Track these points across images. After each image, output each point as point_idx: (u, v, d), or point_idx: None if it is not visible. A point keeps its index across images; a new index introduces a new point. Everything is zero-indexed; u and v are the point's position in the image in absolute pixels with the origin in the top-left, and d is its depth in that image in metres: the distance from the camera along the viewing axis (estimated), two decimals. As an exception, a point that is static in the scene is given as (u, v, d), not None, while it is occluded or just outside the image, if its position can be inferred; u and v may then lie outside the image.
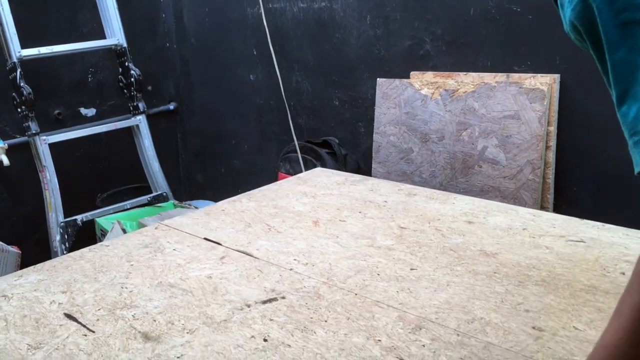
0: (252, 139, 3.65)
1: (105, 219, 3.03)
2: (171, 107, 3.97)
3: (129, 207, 3.19)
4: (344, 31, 3.00)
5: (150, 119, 3.38)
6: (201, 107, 3.90)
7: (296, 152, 3.03)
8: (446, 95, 2.55)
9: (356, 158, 3.10)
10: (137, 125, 3.29)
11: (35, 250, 3.26)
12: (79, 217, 3.03)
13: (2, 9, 2.79)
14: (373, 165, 2.87)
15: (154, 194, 3.31)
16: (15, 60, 2.85)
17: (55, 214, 2.99)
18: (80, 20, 3.43)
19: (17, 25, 2.83)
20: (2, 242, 2.84)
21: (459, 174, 2.55)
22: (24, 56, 2.88)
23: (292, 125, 3.09)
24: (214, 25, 3.64)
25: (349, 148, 3.10)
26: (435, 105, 2.60)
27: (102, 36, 3.20)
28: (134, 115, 3.28)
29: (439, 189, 2.36)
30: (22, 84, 2.86)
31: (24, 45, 2.87)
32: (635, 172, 0.62)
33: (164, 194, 3.31)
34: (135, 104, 3.27)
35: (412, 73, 2.74)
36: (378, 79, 2.80)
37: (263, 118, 3.53)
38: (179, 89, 3.98)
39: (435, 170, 2.63)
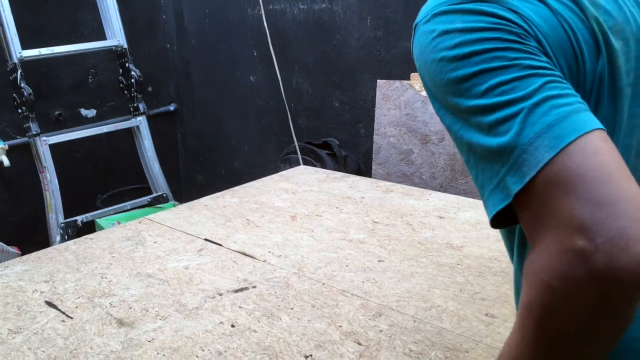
0: (252, 140, 3.68)
1: (105, 219, 3.06)
2: (171, 108, 4.01)
3: (129, 207, 3.21)
4: (344, 32, 3.03)
5: (151, 120, 3.41)
6: (201, 108, 3.94)
7: (296, 153, 3.06)
8: (446, 97, 2.59)
9: (356, 159, 3.13)
10: (138, 126, 3.31)
11: (35, 251, 3.29)
12: (79, 218, 3.06)
13: (3, 9, 2.82)
14: (373, 167, 2.90)
15: (154, 194, 3.34)
16: (16, 61, 2.87)
17: (55, 215, 3.01)
18: (80, 21, 3.47)
19: (17, 26, 2.85)
20: (2, 242, 2.86)
21: (459, 176, 2.58)
22: (25, 57, 2.90)
23: (292, 126, 3.12)
24: (214, 27, 3.67)
25: (349, 149, 3.13)
26: (436, 107, 2.63)
27: (103, 37, 3.23)
28: (134, 116, 3.31)
29: (438, 190, 2.40)
30: (22, 85, 2.88)
31: (24, 46, 2.89)
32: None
33: (164, 194, 3.34)
34: (135, 105, 3.29)
35: (412, 74, 2.77)
36: (378, 80, 2.83)
37: (263, 119, 3.56)
38: (179, 90, 4.02)
39: (435, 172, 2.67)
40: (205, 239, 1.69)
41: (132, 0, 3.64)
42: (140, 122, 3.31)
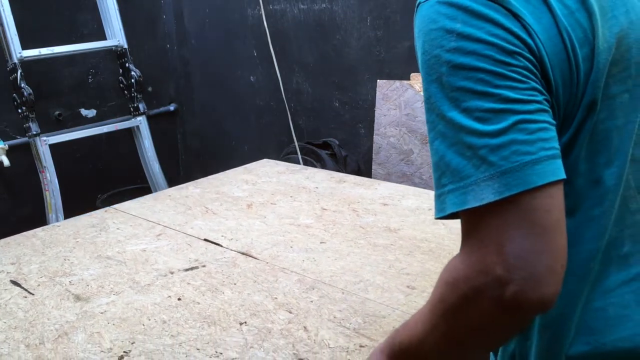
0: (252, 140, 3.81)
1: (103, 219, 3.19)
2: (171, 108, 4.18)
3: (128, 208, 3.34)
4: (344, 32, 3.15)
5: (151, 120, 3.54)
6: (201, 108, 4.09)
7: (296, 153, 3.17)
8: (442, 95, 2.67)
9: (356, 159, 3.23)
10: (138, 126, 3.45)
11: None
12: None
13: (3, 9, 2.97)
14: (373, 167, 3.00)
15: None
16: (16, 61, 3.01)
17: (55, 215, 3.14)
18: (80, 21, 3.63)
19: (17, 26, 2.99)
20: (2, 241, 3.01)
21: (457, 176, 2.66)
22: (25, 57, 3.04)
23: (292, 126, 3.23)
24: (214, 27, 3.82)
25: (349, 149, 3.24)
26: (435, 106, 2.72)
27: (103, 37, 3.37)
28: (134, 116, 3.44)
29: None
30: (22, 85, 3.01)
31: (24, 46, 3.02)
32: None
33: (164, 195, 3.46)
34: (135, 105, 3.42)
35: (412, 74, 2.87)
36: (378, 80, 2.94)
37: (263, 119, 3.69)
38: (179, 90, 4.17)
39: (434, 172, 2.75)
40: (205, 239, 1.83)
41: (132, 1, 3.79)
42: (140, 122, 3.44)
